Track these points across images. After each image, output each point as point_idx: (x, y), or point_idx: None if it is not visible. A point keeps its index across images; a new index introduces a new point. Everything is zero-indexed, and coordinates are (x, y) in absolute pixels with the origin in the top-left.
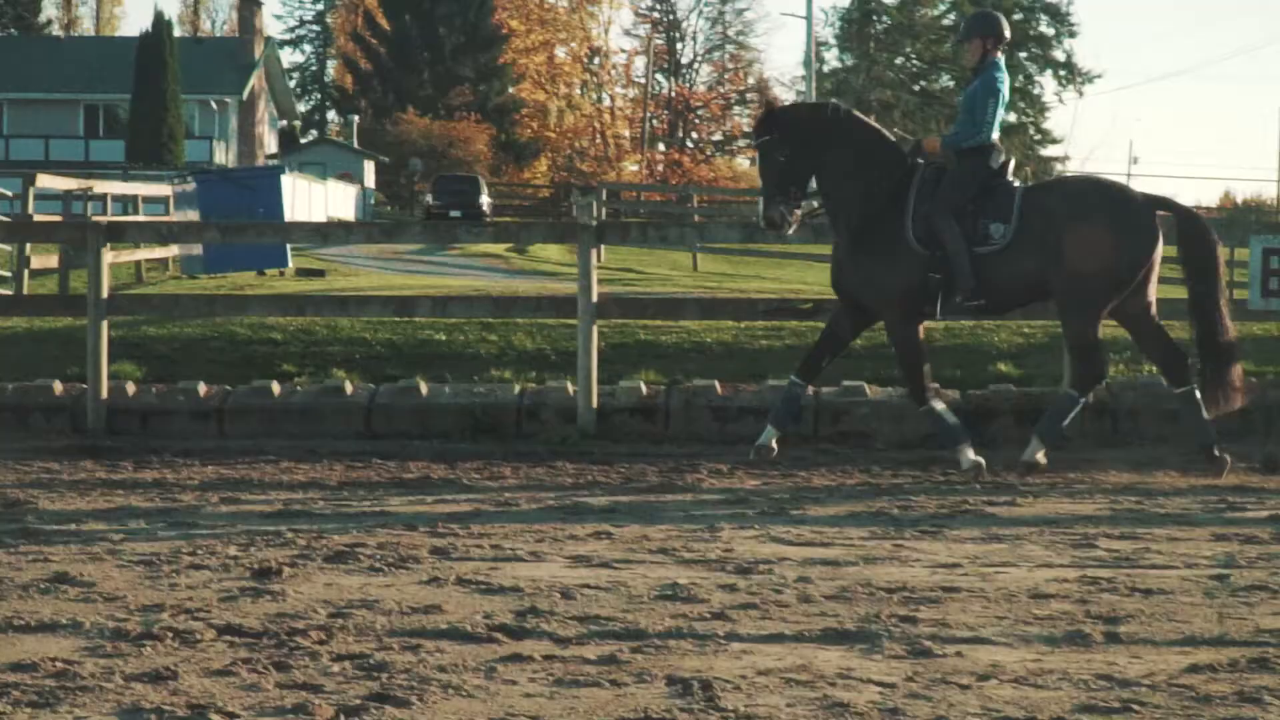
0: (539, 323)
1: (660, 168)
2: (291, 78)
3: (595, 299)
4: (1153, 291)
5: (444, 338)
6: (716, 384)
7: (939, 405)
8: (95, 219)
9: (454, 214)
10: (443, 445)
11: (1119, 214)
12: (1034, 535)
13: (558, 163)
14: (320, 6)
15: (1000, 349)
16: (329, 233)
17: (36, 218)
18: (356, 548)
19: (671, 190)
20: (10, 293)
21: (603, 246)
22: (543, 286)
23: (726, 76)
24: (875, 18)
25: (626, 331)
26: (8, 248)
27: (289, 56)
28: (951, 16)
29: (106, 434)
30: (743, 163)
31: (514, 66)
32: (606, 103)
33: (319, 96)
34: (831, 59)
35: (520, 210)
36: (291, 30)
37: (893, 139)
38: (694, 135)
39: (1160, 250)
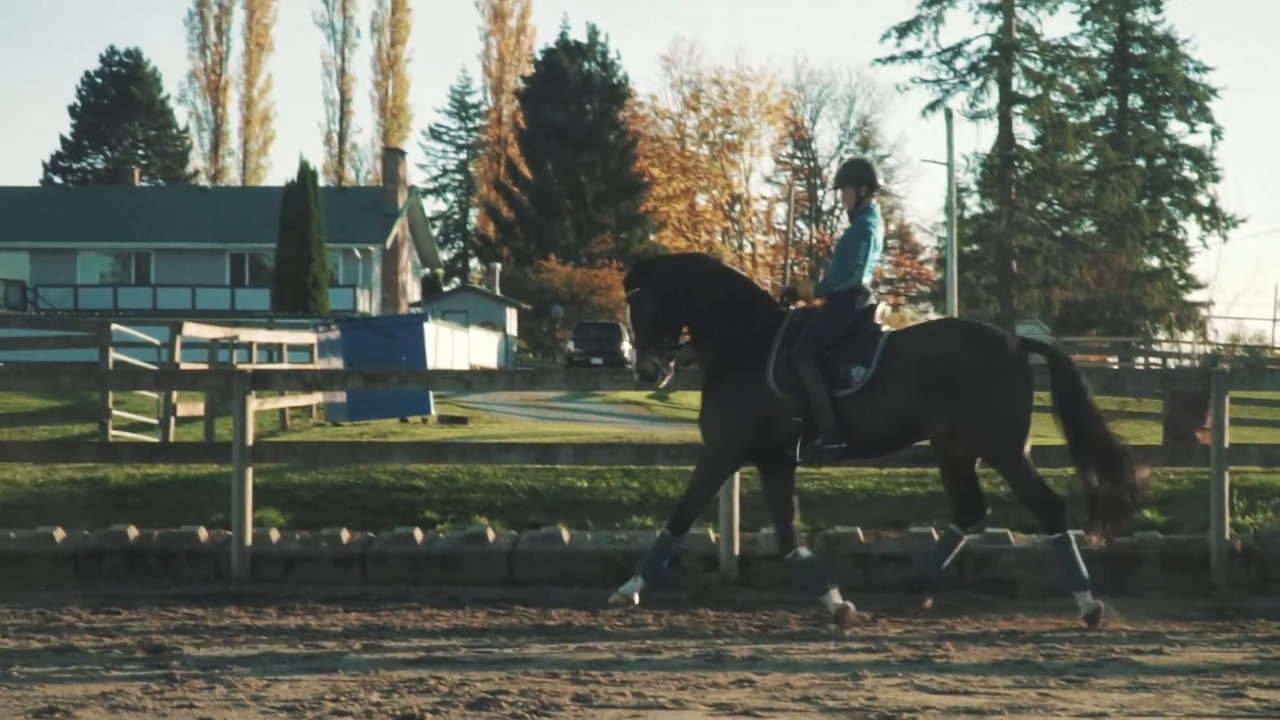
0: (681, 469)
1: None
2: (434, 226)
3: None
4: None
5: (586, 485)
6: (859, 531)
7: (804, 552)
8: (241, 367)
9: (595, 361)
10: (584, 592)
11: (999, 356)
12: (1182, 684)
13: None
14: (463, 156)
15: (1146, 496)
16: (471, 380)
17: (183, 366)
18: (499, 695)
19: None
20: (157, 440)
21: None
22: (684, 434)
23: None
24: (1017, 163)
25: None
26: (155, 395)
27: (432, 205)
28: (1094, 161)
29: (251, 580)
30: (884, 309)
31: (655, 214)
32: (748, 249)
33: (461, 244)
34: (973, 205)
35: None
36: (435, 179)
37: (760, 287)
38: None
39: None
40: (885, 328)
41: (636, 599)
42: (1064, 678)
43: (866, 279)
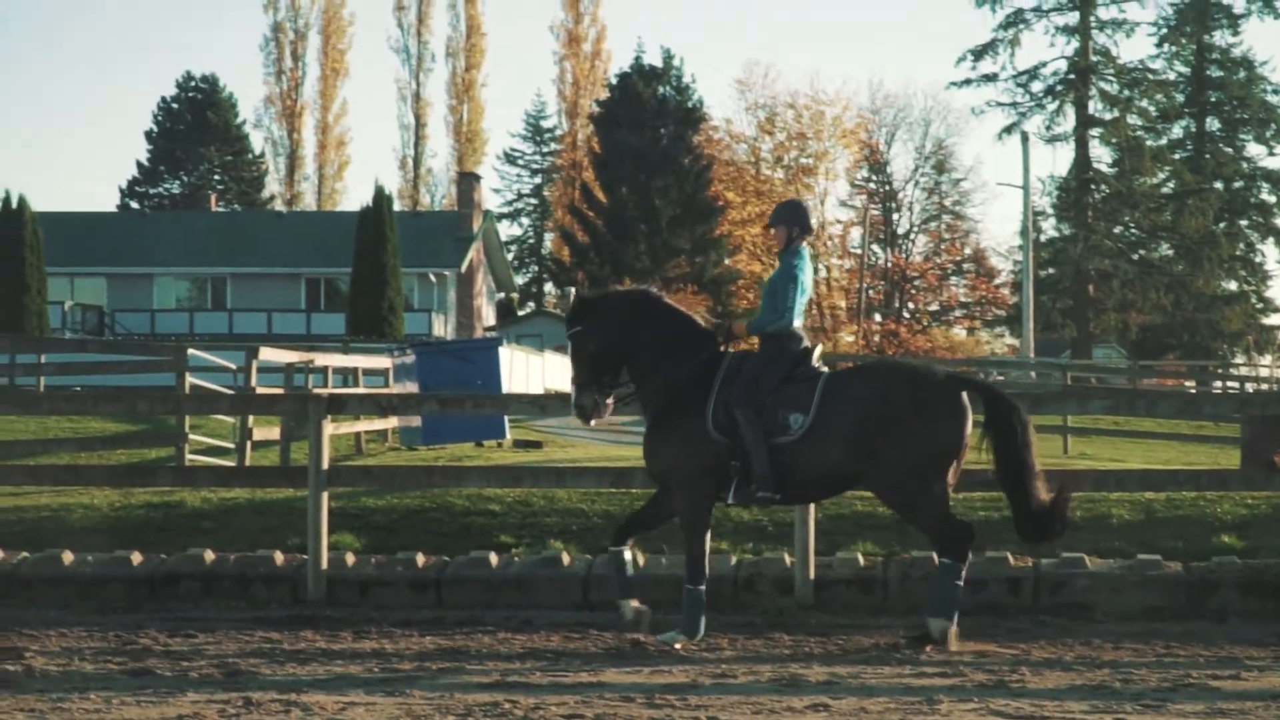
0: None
1: (877, 338)
2: (509, 250)
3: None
4: (954, 473)
5: None
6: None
7: (626, 555)
8: (316, 391)
9: None
10: (660, 617)
11: (926, 396)
12: (1259, 710)
13: None
14: (538, 180)
15: (1223, 520)
16: (546, 404)
17: (259, 390)
18: (574, 718)
19: None
20: (233, 464)
21: None
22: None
23: (943, 247)
24: (1093, 187)
25: (843, 502)
26: (231, 420)
27: (507, 229)
28: (1171, 185)
29: (326, 604)
30: (959, 333)
31: (730, 238)
32: (822, 274)
33: (536, 268)
34: (1049, 228)
35: None
36: (509, 203)
37: (702, 324)
38: (910, 305)
39: (969, 429)
40: (823, 369)
41: (630, 618)
42: (1140, 703)
43: (798, 322)
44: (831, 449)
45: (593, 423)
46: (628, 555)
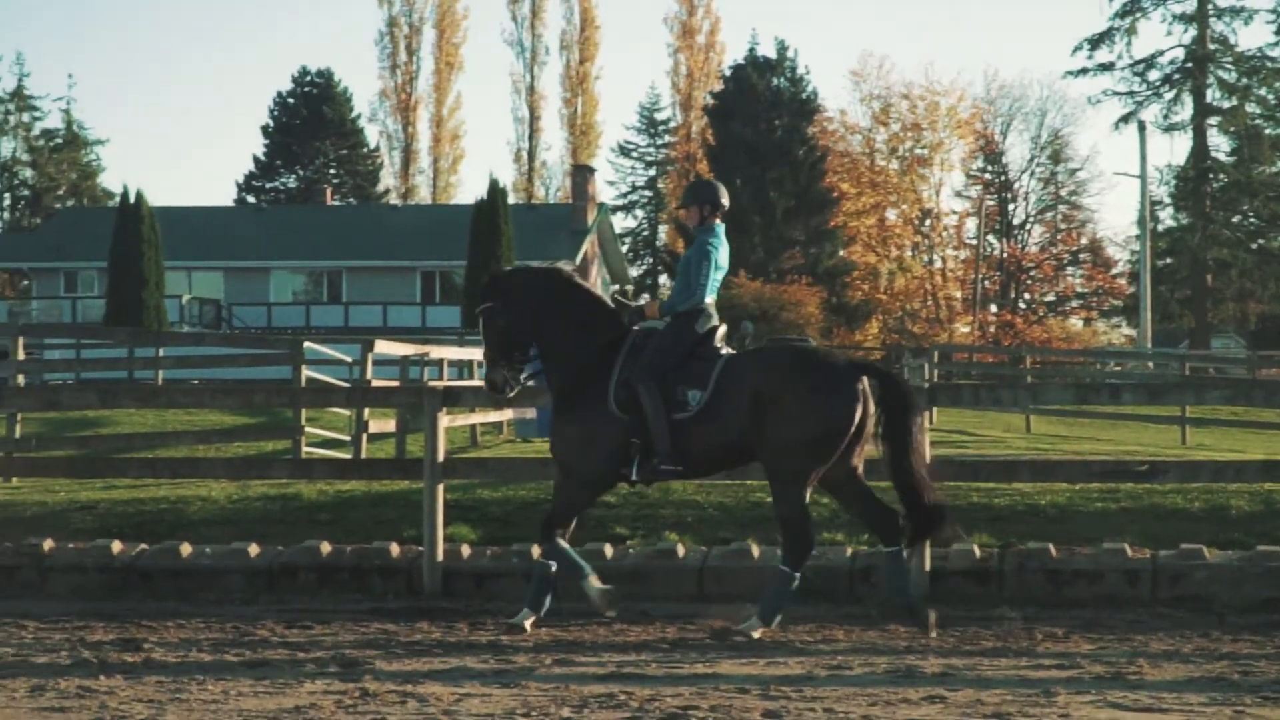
0: (872, 485)
1: (992, 329)
2: (624, 242)
3: (928, 461)
4: (859, 456)
5: None
6: (1051, 547)
7: (563, 543)
8: (432, 384)
9: None
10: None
11: (819, 380)
12: None
13: (889, 325)
14: (652, 172)
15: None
16: None
17: (375, 383)
18: (689, 710)
19: (1003, 352)
20: (349, 456)
21: (935, 409)
22: (870, 450)
23: (1059, 237)
24: (1211, 176)
25: (959, 494)
26: (347, 412)
27: (621, 221)
28: None
29: (442, 595)
30: (1076, 324)
31: (845, 229)
32: (938, 264)
33: (651, 260)
34: (1166, 218)
35: None
36: (624, 196)
37: (610, 304)
38: (1026, 296)
39: (863, 414)
40: (724, 351)
41: (528, 626)
42: (1260, 695)
43: (710, 298)
44: (726, 426)
45: (511, 395)
46: (562, 545)
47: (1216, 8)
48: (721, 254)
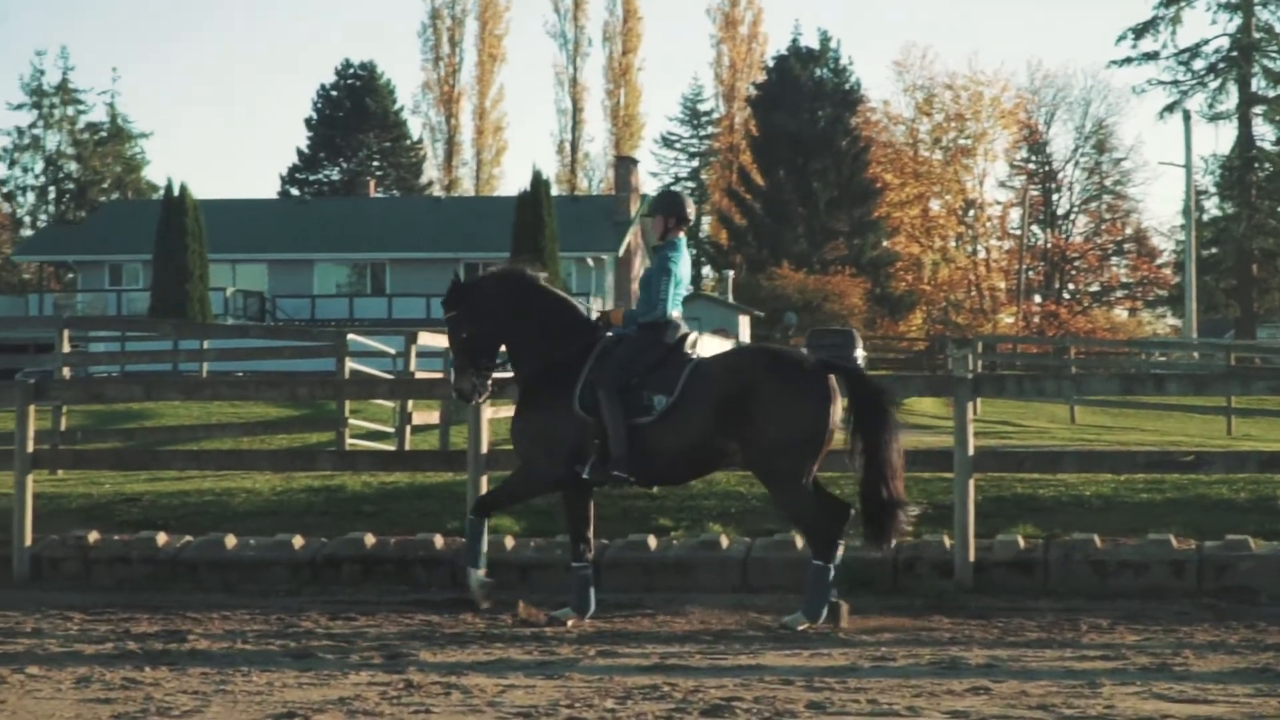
0: (915, 476)
1: (1036, 319)
2: None
3: (972, 452)
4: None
5: None
6: (1095, 538)
7: (484, 528)
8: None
9: None
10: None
11: (790, 378)
12: None
13: (933, 315)
14: (695, 164)
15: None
16: None
17: (418, 375)
18: (733, 701)
19: (1048, 342)
20: (393, 448)
21: (979, 399)
22: (919, 440)
23: (1104, 227)
24: (1257, 165)
25: (1003, 485)
26: (390, 404)
27: None
28: None
29: None
30: (1121, 314)
31: (888, 220)
32: (982, 255)
33: (694, 252)
34: (1211, 207)
35: (895, 363)
36: (667, 187)
37: (580, 308)
38: (1070, 286)
39: (838, 412)
40: (695, 356)
41: (476, 589)
42: None
43: (675, 312)
44: (689, 427)
45: (480, 401)
46: (589, 559)
47: None
48: (682, 268)
